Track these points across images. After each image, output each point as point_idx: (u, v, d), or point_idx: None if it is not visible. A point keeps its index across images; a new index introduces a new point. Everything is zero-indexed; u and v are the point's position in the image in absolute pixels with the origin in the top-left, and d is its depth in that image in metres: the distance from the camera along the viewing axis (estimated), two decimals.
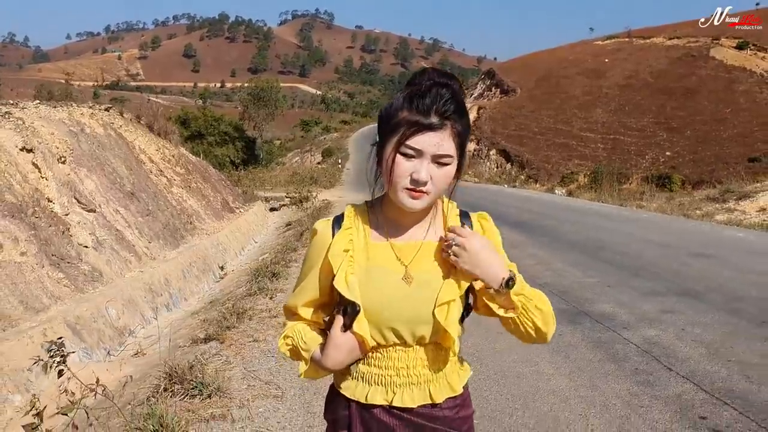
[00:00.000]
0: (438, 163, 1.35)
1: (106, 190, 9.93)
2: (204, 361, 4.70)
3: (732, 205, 19.56)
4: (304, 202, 19.14)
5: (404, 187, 1.35)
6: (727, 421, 3.50)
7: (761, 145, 53.31)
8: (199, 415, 3.84)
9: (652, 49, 78.66)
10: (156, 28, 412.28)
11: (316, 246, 1.50)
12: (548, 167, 56.91)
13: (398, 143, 1.34)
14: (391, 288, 1.42)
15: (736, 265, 8.13)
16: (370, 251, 1.46)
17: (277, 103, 64.46)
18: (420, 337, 1.43)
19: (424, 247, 1.46)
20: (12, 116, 9.06)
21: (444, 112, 1.34)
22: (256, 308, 6.58)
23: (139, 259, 9.23)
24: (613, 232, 11.73)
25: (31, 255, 6.89)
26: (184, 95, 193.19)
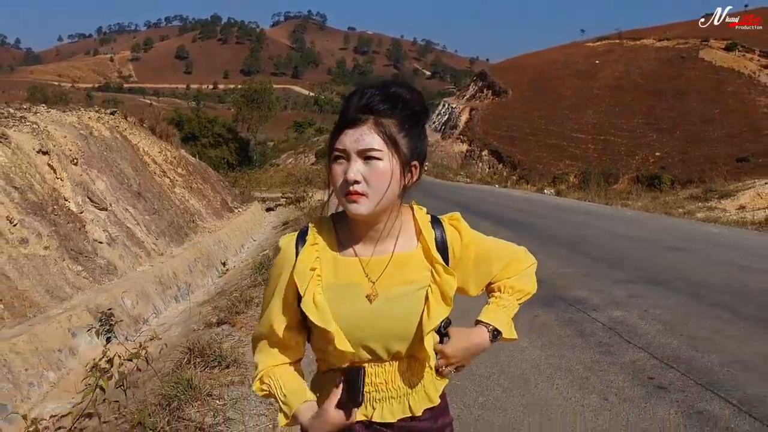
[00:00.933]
0: (366, 158, 1.29)
1: (116, 189, 10.51)
2: (219, 340, 5.32)
3: (714, 203, 20.29)
4: (300, 201, 19.72)
5: (343, 193, 1.31)
6: (671, 380, 4.13)
7: (749, 145, 54.27)
8: (219, 381, 4.44)
9: (642, 51, 79.71)
10: (148, 29, 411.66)
11: (279, 265, 1.42)
12: (539, 168, 57.66)
13: (329, 151, 1.33)
14: (360, 306, 1.36)
15: (704, 256, 8.80)
16: (338, 267, 1.39)
17: (271, 105, 64.83)
18: (395, 353, 1.40)
19: (394, 260, 1.40)
20: (27, 120, 9.63)
21: (364, 107, 1.30)
22: (259, 299, 7.18)
23: (149, 254, 9.82)
24: (595, 228, 12.39)
25: (53, 249, 7.47)
26: (176, 97, 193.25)
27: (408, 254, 1.41)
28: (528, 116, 68.04)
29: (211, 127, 55.30)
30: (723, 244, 10.04)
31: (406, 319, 1.37)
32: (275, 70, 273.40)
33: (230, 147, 55.24)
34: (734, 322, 5.44)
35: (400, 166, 1.32)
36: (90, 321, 6.85)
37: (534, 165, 58.37)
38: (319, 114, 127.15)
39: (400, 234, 1.42)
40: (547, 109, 69.10)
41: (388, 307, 1.36)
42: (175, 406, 3.88)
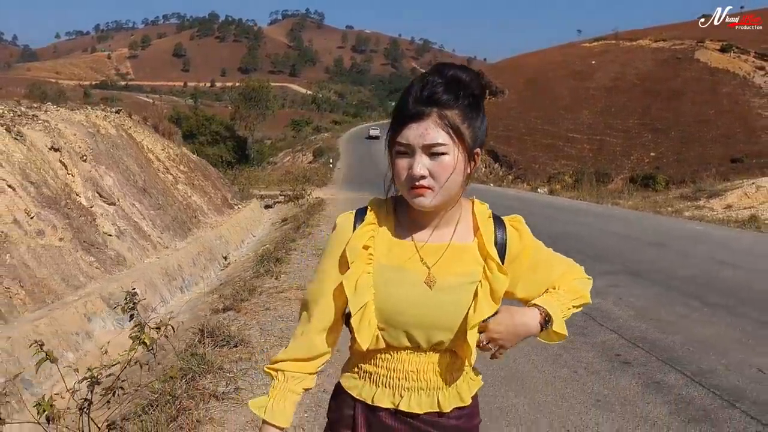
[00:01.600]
0: (432, 154, 1.26)
1: (122, 185, 10.95)
2: (227, 324, 5.78)
3: (702, 202, 20.76)
4: (299, 199, 20.16)
5: (407, 186, 1.29)
6: (635, 356, 4.61)
7: (743, 146, 54.72)
8: (229, 357, 4.91)
9: (638, 51, 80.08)
10: (146, 27, 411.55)
11: (335, 240, 1.42)
12: (535, 167, 58.02)
13: (390, 144, 1.31)
14: (412, 290, 1.34)
15: (682, 251, 9.29)
16: (393, 249, 1.38)
17: (268, 104, 65.12)
18: (437, 343, 1.36)
19: (450, 250, 1.37)
20: (39, 119, 10.08)
21: (428, 99, 1.25)
22: (264, 286, 7.64)
23: (155, 247, 10.27)
24: (583, 225, 12.86)
25: (67, 241, 7.92)
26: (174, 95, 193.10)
27: (463, 246, 1.39)
28: (524, 116, 68.44)
29: (209, 125, 55.68)
30: (703, 240, 10.52)
31: (455, 311, 1.33)
32: (273, 68, 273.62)
33: (228, 145, 55.61)
34: (699, 309, 5.92)
35: (464, 156, 1.29)
36: (103, 308, 7.32)
37: (530, 165, 58.71)
38: (317, 113, 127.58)
39: (458, 224, 1.40)
40: (544, 109, 69.41)
41: (440, 295, 1.34)
42: (190, 377, 4.35)
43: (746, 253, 9.12)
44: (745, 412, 3.63)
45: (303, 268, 8.80)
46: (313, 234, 12.45)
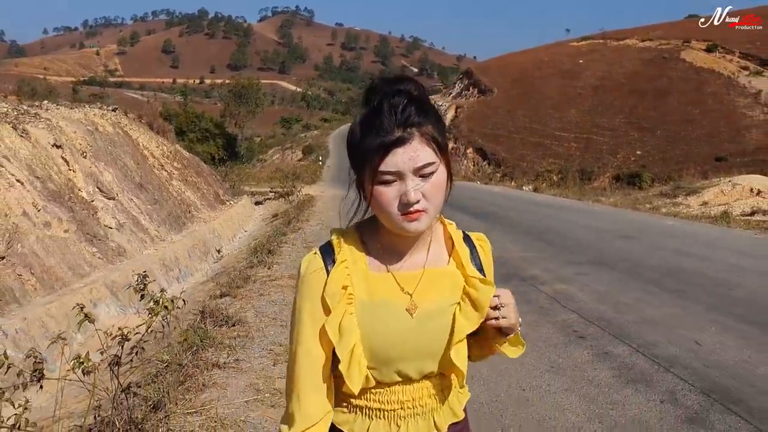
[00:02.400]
0: (422, 175, 1.21)
1: (120, 181, 11.45)
2: (225, 307, 6.32)
3: (680, 200, 21.43)
4: (289, 195, 20.67)
5: (399, 214, 1.22)
6: (590, 332, 5.20)
7: (728, 145, 55.64)
8: (228, 335, 5.44)
9: (625, 51, 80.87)
10: (134, 23, 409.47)
11: (307, 287, 1.32)
12: (523, 165, 58.63)
13: (373, 173, 1.22)
14: (397, 322, 1.29)
15: (650, 244, 9.91)
16: (371, 283, 1.31)
17: (258, 101, 65.33)
18: (428, 373, 1.33)
19: (426, 275, 1.33)
20: (41, 117, 10.55)
21: (405, 121, 1.20)
22: (258, 275, 8.18)
23: (152, 240, 10.77)
24: (561, 220, 13.47)
25: (72, 232, 8.42)
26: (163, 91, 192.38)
27: (439, 270, 1.35)
28: (512, 115, 69.02)
29: (199, 122, 55.83)
30: (672, 234, 11.14)
31: (439, 336, 1.31)
32: (262, 65, 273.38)
33: (217, 142, 55.77)
34: (657, 294, 6.51)
35: (447, 170, 1.27)
36: (107, 294, 7.84)
37: (518, 163, 59.30)
38: (306, 110, 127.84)
39: (431, 247, 1.37)
40: (531, 107, 70.02)
41: (424, 322, 1.30)
42: (194, 350, 4.89)
43: (709, 245, 9.74)
44: (677, 375, 4.21)
45: (294, 259, 9.33)
46: (303, 228, 12.99)
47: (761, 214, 15.65)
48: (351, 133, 1.30)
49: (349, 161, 1.32)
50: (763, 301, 6.19)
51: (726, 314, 5.67)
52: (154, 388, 4.04)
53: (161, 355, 4.74)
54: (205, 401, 4.02)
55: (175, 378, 4.27)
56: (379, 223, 1.31)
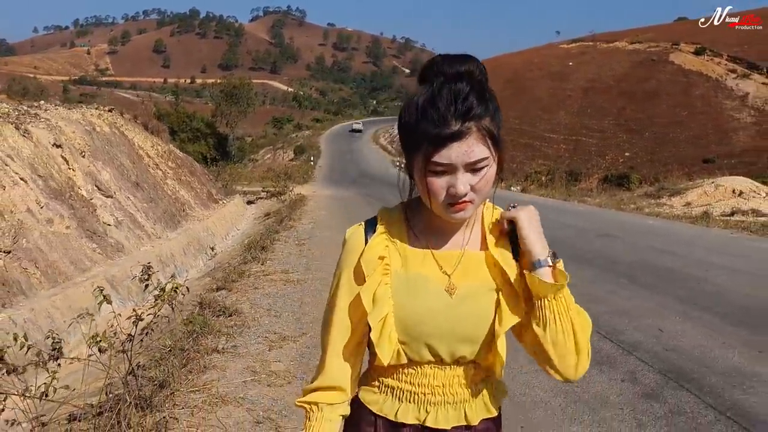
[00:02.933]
0: (473, 170, 1.20)
1: (117, 180, 11.77)
2: (221, 299, 6.68)
3: (664, 200, 21.95)
4: (281, 195, 21.01)
5: (446, 204, 1.22)
6: None
7: (715, 146, 56.39)
8: (225, 324, 5.80)
9: (614, 53, 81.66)
10: (126, 22, 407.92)
11: (347, 255, 1.36)
12: (513, 166, 58.99)
13: (425, 161, 1.20)
14: (432, 299, 1.28)
15: (629, 242, 10.34)
16: (409, 258, 1.32)
17: (250, 101, 65.41)
18: (460, 357, 1.31)
19: (466, 257, 1.32)
20: (41, 117, 10.86)
21: (464, 114, 1.17)
22: (252, 270, 8.54)
23: (149, 237, 11.10)
24: (544, 219, 13.74)
25: (73, 229, 8.75)
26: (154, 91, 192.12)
27: (477, 254, 1.33)
28: (504, 117, 69.46)
29: (190, 122, 55.89)
30: (651, 233, 11.59)
31: (478, 321, 1.29)
32: (254, 65, 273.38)
33: (209, 142, 55.82)
34: (628, 287, 6.93)
35: (499, 162, 1.26)
36: (108, 288, 8.16)
37: (508, 164, 59.07)
38: (298, 110, 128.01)
39: (472, 230, 1.35)
40: (522, 109, 70.53)
41: (461, 304, 1.28)
42: (195, 337, 5.25)
43: (685, 244, 10.18)
44: (638, 358, 4.62)
45: (286, 256, 9.70)
46: (296, 227, 13.34)
47: (740, 214, 16.14)
48: (406, 111, 1.25)
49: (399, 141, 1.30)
50: (728, 294, 6.61)
51: (691, 306, 6.09)
52: (160, 369, 4.40)
53: (165, 341, 5.09)
54: (207, 381, 4.39)
55: (179, 361, 4.63)
56: (423, 204, 1.32)
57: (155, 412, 3.71)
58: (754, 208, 16.60)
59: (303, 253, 9.92)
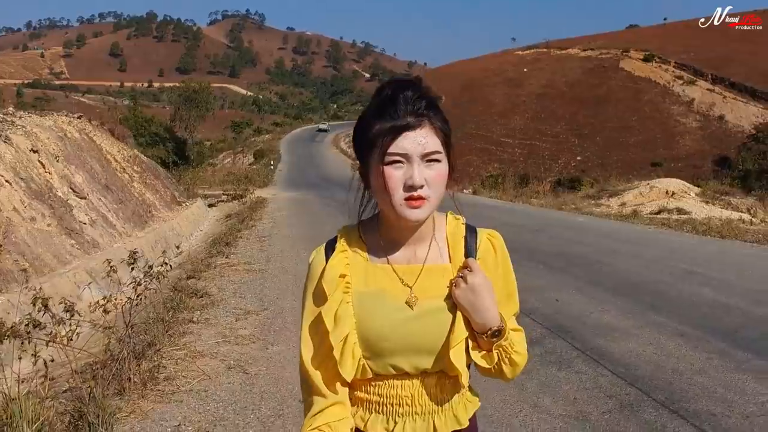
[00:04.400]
0: (429, 161, 1.25)
1: (89, 183, 12.62)
2: (193, 285, 7.71)
3: (603, 201, 23.51)
4: (242, 197, 21.94)
5: (402, 198, 1.24)
6: None
7: (662, 150, 58.81)
8: (198, 303, 6.84)
9: (567, 60, 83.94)
10: (81, 25, 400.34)
11: (310, 280, 1.37)
12: (470, 171, 60.50)
13: (382, 154, 1.25)
14: (394, 314, 1.30)
15: (553, 234, 11.68)
16: (369, 274, 1.34)
17: (209, 105, 65.34)
18: (423, 369, 1.32)
19: (425, 271, 1.34)
20: (16, 125, 11.68)
21: (417, 110, 1.25)
22: (218, 263, 9.57)
23: (120, 235, 12.00)
24: (484, 217, 15.11)
25: (53, 226, 9.65)
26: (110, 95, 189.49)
27: (439, 267, 1.35)
28: (460, 121, 70.81)
29: (148, 126, 55.78)
30: (575, 228, 12.96)
31: (437, 333, 1.30)
32: (212, 68, 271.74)
33: (167, 147, 55.73)
34: (542, 271, 8.18)
35: (449, 165, 1.30)
36: (87, 279, 9.10)
37: (465, 168, 61.12)
38: (257, 114, 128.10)
39: (433, 241, 1.37)
40: (478, 115, 72.02)
41: (421, 318, 1.30)
42: (172, 312, 6.28)
43: (601, 236, 11.56)
44: (533, 319, 5.82)
45: (249, 250, 10.73)
46: (257, 226, 14.37)
47: (666, 212, 17.69)
48: (360, 122, 1.32)
49: (354, 149, 1.36)
50: (621, 273, 7.94)
51: (587, 282, 7.37)
52: (147, 333, 5.44)
53: (148, 314, 6.11)
54: (186, 342, 5.44)
55: (162, 328, 5.66)
56: (381, 219, 1.36)
57: (147, 362, 4.74)
58: (679, 207, 18.17)
59: (264, 249, 10.96)
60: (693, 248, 10.31)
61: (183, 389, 4.34)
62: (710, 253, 9.90)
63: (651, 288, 7.16)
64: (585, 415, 3.68)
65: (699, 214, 16.40)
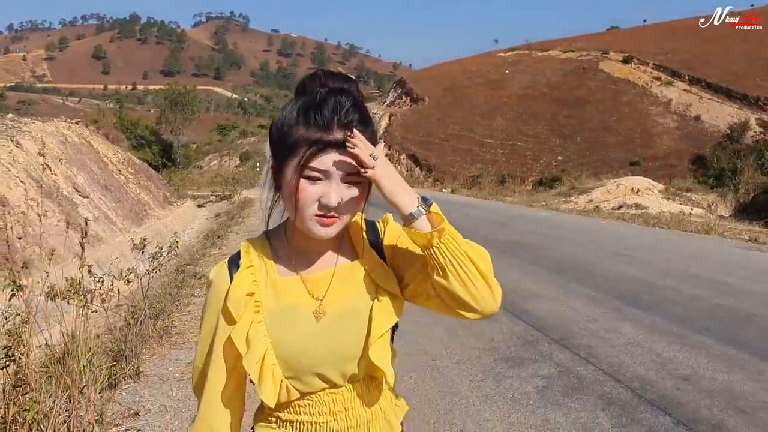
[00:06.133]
0: (348, 182, 1.17)
1: (90, 183, 13.74)
2: (192, 270, 8.88)
3: (573, 198, 24.80)
4: (230, 197, 23.09)
5: (313, 214, 1.17)
6: None
7: (641, 150, 60.28)
8: (197, 282, 8.02)
9: (548, 61, 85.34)
10: (63, 28, 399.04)
11: (212, 299, 1.27)
12: (453, 171, 61.71)
13: (300, 167, 1.15)
14: (307, 328, 1.24)
15: (513, 227, 12.94)
16: (279, 289, 1.26)
17: (194, 108, 65.91)
18: (351, 375, 1.26)
19: (337, 274, 1.28)
20: (23, 130, 12.79)
21: (347, 124, 1.16)
22: (212, 252, 10.74)
23: (120, 231, 13.14)
24: (457, 212, 16.43)
25: (62, 222, 10.77)
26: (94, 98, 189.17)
27: (350, 265, 1.30)
28: (443, 122, 72.15)
29: (134, 129, 56.43)
30: (535, 221, 14.25)
31: (356, 336, 1.25)
32: (197, 71, 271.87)
33: (153, 149, 56.46)
34: (496, 256, 9.35)
35: (368, 181, 1.20)
36: (96, 270, 10.22)
37: (448, 168, 62.35)
38: (243, 117, 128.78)
39: (342, 245, 1.33)
40: (460, 115, 73.12)
41: (337, 324, 1.25)
42: (177, 289, 7.46)
43: (556, 227, 12.84)
44: None
45: (239, 242, 11.83)
46: (245, 222, 15.53)
47: (625, 207, 19.02)
48: (282, 120, 1.21)
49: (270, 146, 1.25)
50: (559, 256, 9.23)
51: (532, 263, 8.65)
52: (158, 302, 6.62)
53: (158, 289, 7.28)
54: (190, 310, 6.63)
55: (170, 300, 6.84)
56: (288, 228, 1.29)
57: (162, 321, 5.92)
58: (638, 203, 19.50)
59: None
60: (632, 236, 11.61)
61: (190, 341, 5.52)
62: (644, 240, 11.21)
63: (580, 266, 8.42)
64: (496, 348, 4.91)
65: (655, 209, 17.72)
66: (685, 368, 4.23)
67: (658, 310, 5.89)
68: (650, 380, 4.02)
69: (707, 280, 7.30)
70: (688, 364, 4.32)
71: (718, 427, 3.35)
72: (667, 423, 3.42)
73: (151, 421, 3.80)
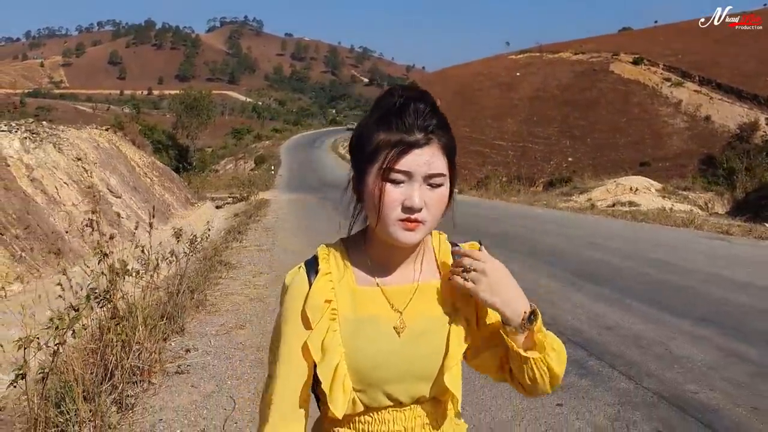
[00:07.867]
0: (430, 184, 1.17)
1: (121, 185, 15.06)
2: (219, 259, 10.14)
3: (574, 197, 25.90)
4: (247, 198, 24.41)
5: (397, 219, 1.16)
6: None
7: (651, 150, 60.89)
8: (224, 268, 9.25)
9: (559, 64, 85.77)
10: (80, 34, 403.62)
11: (291, 302, 1.25)
12: (464, 173, 62.40)
13: (384, 169, 1.15)
14: (385, 341, 1.22)
15: (507, 222, 14.09)
16: (357, 298, 1.24)
17: (210, 113, 67.00)
18: (419, 396, 1.25)
19: (420, 290, 1.26)
20: (60, 137, 14.12)
21: (427, 127, 1.17)
22: (233, 246, 11.98)
23: (150, 228, 14.43)
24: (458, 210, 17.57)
25: (101, 218, 12.07)
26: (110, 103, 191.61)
27: (432, 285, 1.28)
28: (454, 125, 67.31)
29: (151, 134, 57.65)
30: (529, 217, 15.41)
31: (431, 357, 1.23)
32: (211, 75, 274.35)
33: (170, 153, 57.72)
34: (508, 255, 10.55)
35: (450, 189, 1.24)
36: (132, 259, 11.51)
37: (459, 170, 62.37)
38: (257, 121, 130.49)
39: (424, 261, 1.31)
40: (471, 118, 73.74)
41: (416, 342, 1.23)
42: (207, 272, 8.70)
43: (549, 222, 13.97)
44: None
45: (257, 237, 13.15)
46: (262, 220, 16.79)
47: (619, 205, 20.10)
48: (361, 129, 1.23)
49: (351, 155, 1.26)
50: (541, 246, 10.40)
51: (528, 255, 9.77)
52: (193, 282, 7.86)
53: (191, 272, 8.52)
54: (220, 288, 7.87)
55: (202, 280, 8.09)
56: (368, 236, 1.28)
57: (197, 295, 7.16)
58: (631, 200, 20.58)
59: (269, 236, 13.38)
60: (612, 228, 12.80)
61: (222, 310, 6.76)
62: (622, 231, 12.36)
63: (553, 251, 9.59)
64: None
65: (647, 206, 18.80)
66: (609, 321, 5.40)
67: (608, 283, 7.06)
68: (579, 329, 5.20)
69: (662, 263, 8.45)
70: (613, 318, 5.49)
71: (618, 356, 4.52)
72: (583, 355, 4.60)
73: (198, 359, 5.04)
